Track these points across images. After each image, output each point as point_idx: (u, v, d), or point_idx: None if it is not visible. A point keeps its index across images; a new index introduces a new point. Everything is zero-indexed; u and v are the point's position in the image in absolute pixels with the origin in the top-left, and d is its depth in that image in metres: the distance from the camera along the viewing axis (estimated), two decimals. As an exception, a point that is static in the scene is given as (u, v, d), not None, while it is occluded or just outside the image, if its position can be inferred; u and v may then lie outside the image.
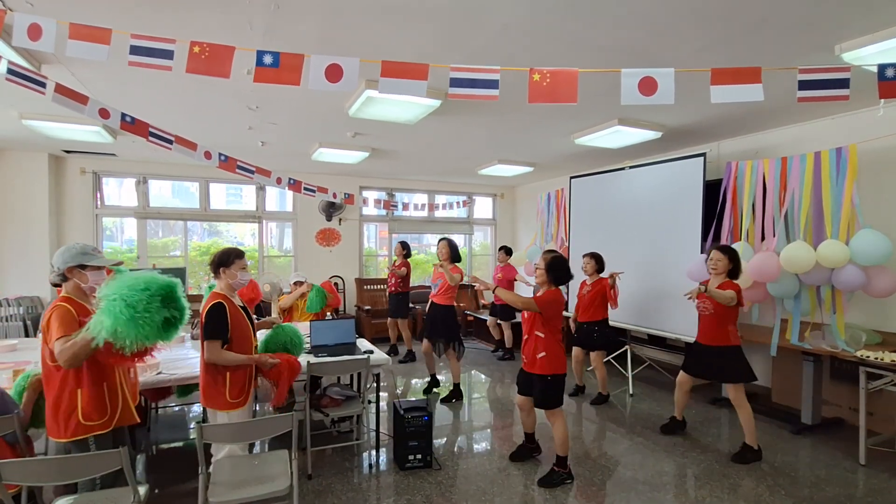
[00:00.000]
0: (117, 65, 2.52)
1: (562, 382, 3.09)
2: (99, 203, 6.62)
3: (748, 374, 3.42)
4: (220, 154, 3.91)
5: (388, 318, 6.37)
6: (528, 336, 3.13)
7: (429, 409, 3.27)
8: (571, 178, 6.16)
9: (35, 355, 2.17)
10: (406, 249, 6.25)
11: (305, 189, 5.08)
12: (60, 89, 2.61)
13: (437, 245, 4.72)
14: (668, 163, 4.96)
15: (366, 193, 7.94)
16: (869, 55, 2.74)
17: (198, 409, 4.30)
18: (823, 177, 3.83)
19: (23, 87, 2.51)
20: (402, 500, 2.88)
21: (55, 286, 2.25)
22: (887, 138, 3.79)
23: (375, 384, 3.47)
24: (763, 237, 4.19)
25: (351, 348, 3.58)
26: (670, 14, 2.51)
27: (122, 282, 1.95)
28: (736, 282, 3.46)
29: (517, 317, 6.01)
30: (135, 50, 1.99)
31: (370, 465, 3.34)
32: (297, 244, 7.64)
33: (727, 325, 3.44)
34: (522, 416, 3.40)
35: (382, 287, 7.63)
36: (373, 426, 3.62)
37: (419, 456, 3.23)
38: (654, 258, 4.98)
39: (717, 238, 4.55)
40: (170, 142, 3.42)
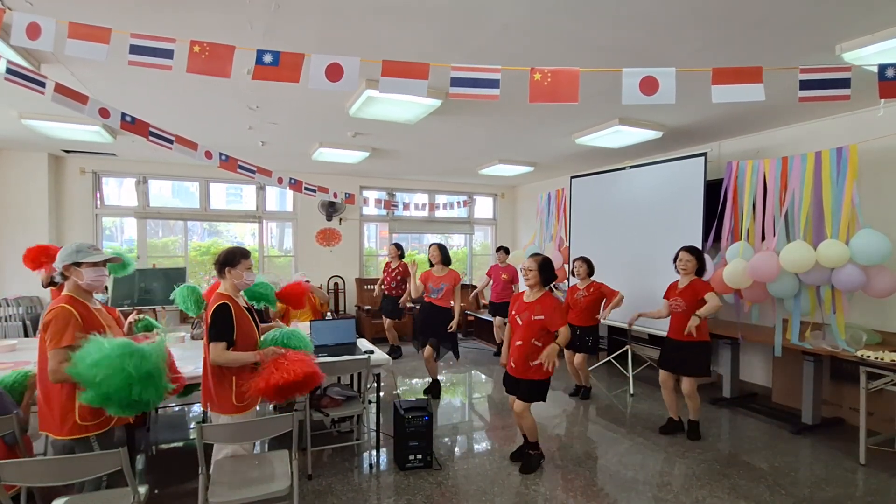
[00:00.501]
0: (117, 64, 2.52)
1: (549, 382, 3.18)
2: (99, 203, 6.62)
3: (706, 370, 3.67)
4: (221, 154, 3.91)
5: (384, 319, 6.35)
6: (523, 343, 3.08)
7: (429, 409, 3.26)
8: (572, 177, 6.16)
9: (34, 356, 2.17)
10: (400, 251, 6.32)
11: (306, 189, 5.08)
12: (60, 89, 2.60)
13: (428, 249, 4.81)
14: (668, 162, 4.96)
15: (366, 193, 7.94)
16: (869, 55, 2.75)
17: (198, 409, 4.30)
18: (824, 177, 3.83)
19: (22, 86, 2.50)
20: (402, 501, 2.88)
21: (47, 286, 2.25)
22: (887, 138, 3.80)
23: (376, 384, 3.47)
24: (763, 237, 4.19)
25: (351, 348, 3.58)
26: (670, 14, 2.50)
27: (111, 363, 1.93)
28: (705, 280, 3.72)
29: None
30: (135, 49, 1.99)
31: (370, 465, 3.34)
32: (298, 244, 7.64)
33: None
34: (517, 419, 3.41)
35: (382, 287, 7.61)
36: (373, 426, 3.62)
37: (419, 456, 3.23)
38: (655, 258, 4.96)
39: (717, 238, 4.54)
40: (170, 141, 3.41)
